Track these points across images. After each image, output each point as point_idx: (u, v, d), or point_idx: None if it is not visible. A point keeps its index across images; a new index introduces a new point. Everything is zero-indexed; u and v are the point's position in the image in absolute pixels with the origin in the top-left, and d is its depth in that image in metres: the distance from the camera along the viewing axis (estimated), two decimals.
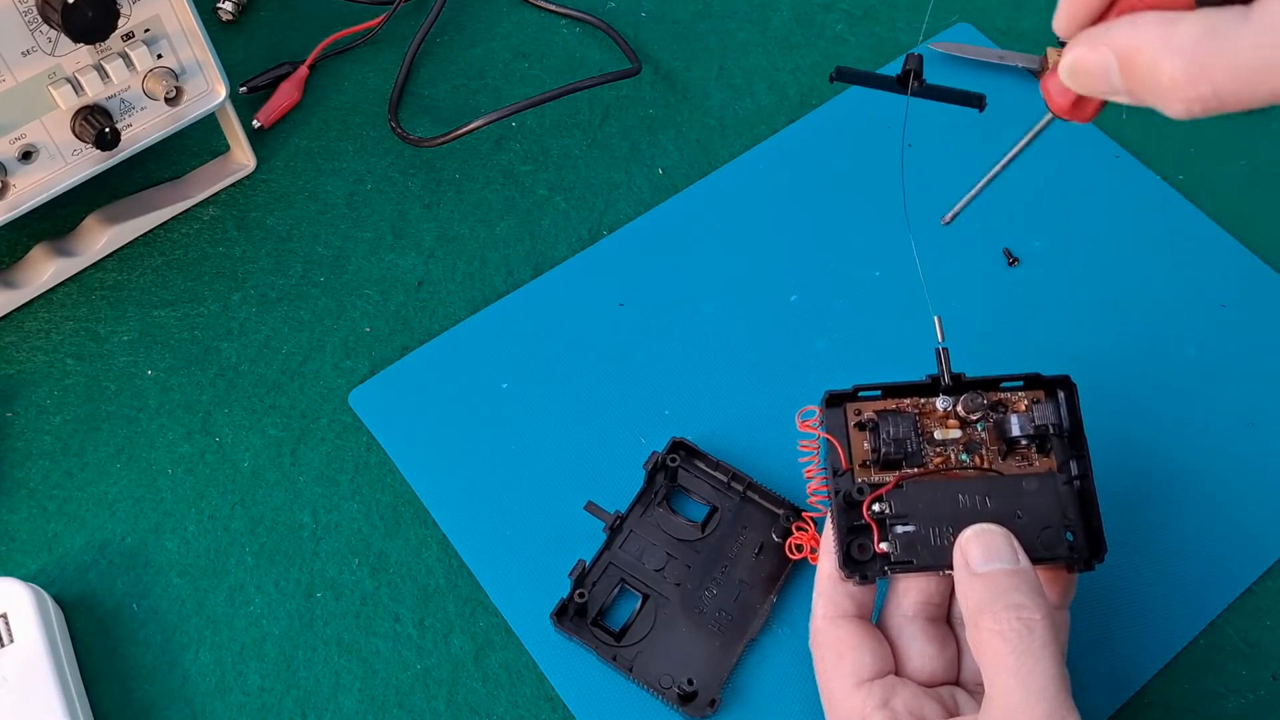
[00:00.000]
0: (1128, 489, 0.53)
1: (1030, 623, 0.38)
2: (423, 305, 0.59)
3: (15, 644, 0.46)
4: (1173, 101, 0.29)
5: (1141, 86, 0.30)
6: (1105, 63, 0.31)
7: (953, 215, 0.43)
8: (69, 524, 0.52)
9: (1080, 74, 0.32)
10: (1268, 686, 0.49)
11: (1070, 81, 0.33)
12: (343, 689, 0.49)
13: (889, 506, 0.43)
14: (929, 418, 0.45)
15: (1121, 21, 0.31)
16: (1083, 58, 0.32)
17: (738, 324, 0.58)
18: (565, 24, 0.70)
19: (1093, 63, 0.31)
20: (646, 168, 0.64)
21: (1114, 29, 0.31)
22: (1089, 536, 0.43)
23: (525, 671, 0.49)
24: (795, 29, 0.69)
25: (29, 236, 0.59)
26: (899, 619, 0.45)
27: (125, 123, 0.54)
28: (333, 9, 0.69)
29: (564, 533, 0.52)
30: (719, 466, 0.52)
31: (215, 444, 0.55)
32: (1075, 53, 0.32)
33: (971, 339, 0.57)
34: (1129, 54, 0.30)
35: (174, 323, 0.58)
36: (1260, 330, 0.58)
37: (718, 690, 0.48)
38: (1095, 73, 0.31)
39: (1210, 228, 0.61)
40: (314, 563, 0.52)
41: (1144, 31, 0.30)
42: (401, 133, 0.63)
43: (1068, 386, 0.44)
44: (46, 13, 0.48)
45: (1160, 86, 0.29)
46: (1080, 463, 0.43)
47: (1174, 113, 0.30)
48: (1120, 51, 0.30)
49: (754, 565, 0.51)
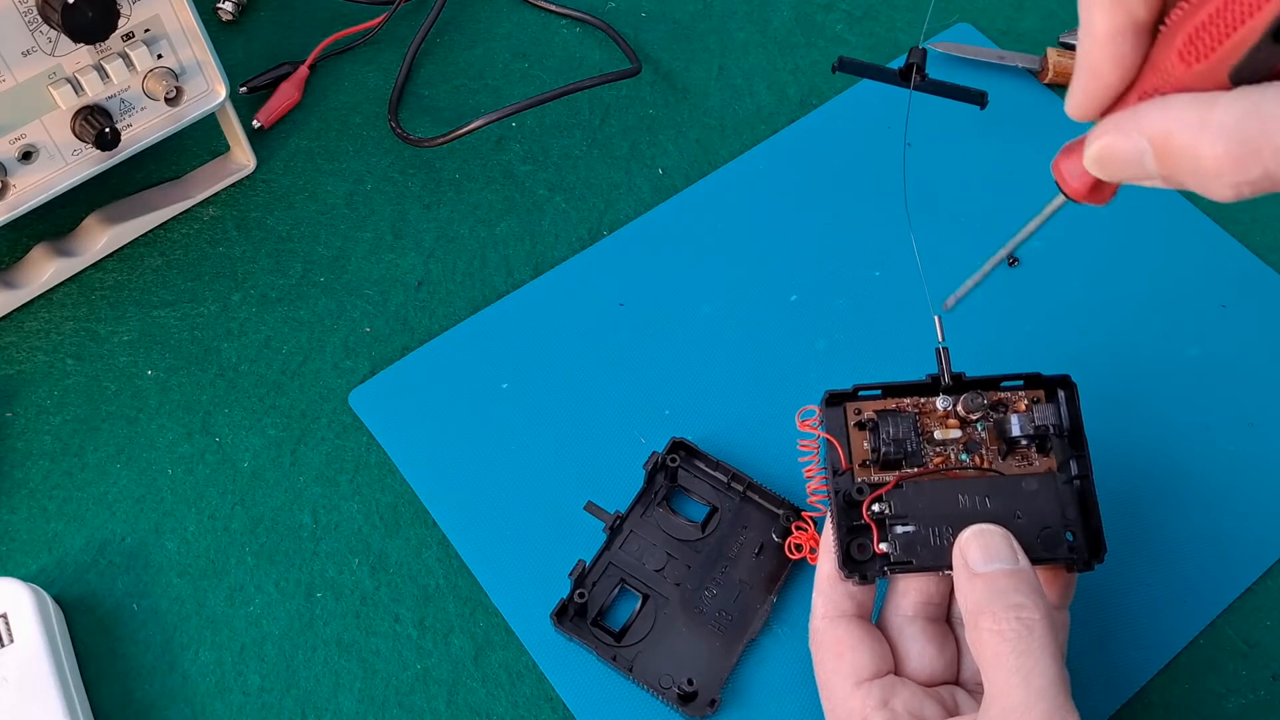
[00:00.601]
0: (1128, 489, 0.53)
1: (1030, 623, 0.38)
2: (423, 305, 0.59)
3: (15, 644, 0.46)
4: (1219, 187, 0.28)
5: (1181, 171, 0.29)
6: (1138, 149, 0.30)
7: (954, 300, 0.43)
8: (69, 524, 0.52)
9: (1110, 162, 0.31)
10: (1268, 686, 0.49)
11: (1099, 170, 0.32)
12: (343, 689, 0.49)
13: (889, 506, 0.43)
14: (929, 417, 0.45)
15: (1152, 105, 0.30)
16: (1113, 145, 0.31)
17: (738, 324, 0.58)
18: (565, 24, 0.70)
19: (1124, 150, 0.30)
20: (646, 168, 0.64)
21: (1144, 113, 0.30)
22: (1089, 537, 0.43)
23: (525, 671, 0.49)
24: (795, 29, 0.69)
25: (29, 236, 0.59)
26: (899, 619, 0.45)
27: (125, 123, 0.54)
28: (333, 9, 0.69)
29: (564, 533, 0.52)
30: (719, 466, 0.52)
31: (215, 444, 0.55)
32: (1104, 140, 0.31)
33: (971, 339, 0.57)
34: (1164, 139, 0.29)
35: (174, 323, 0.58)
36: (1260, 330, 0.58)
37: (718, 690, 0.48)
38: (1127, 160, 0.30)
39: (1210, 228, 0.61)
40: (314, 563, 0.52)
41: (1179, 114, 0.28)
42: (401, 133, 0.63)
43: (1068, 386, 0.44)
44: (46, 13, 0.48)
45: (1203, 170, 0.28)
46: (1080, 463, 0.43)
47: (1220, 197, 0.28)
48: (1155, 137, 0.29)
49: (754, 565, 0.51)
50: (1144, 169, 0.30)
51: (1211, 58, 0.28)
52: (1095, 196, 0.34)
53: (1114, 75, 0.31)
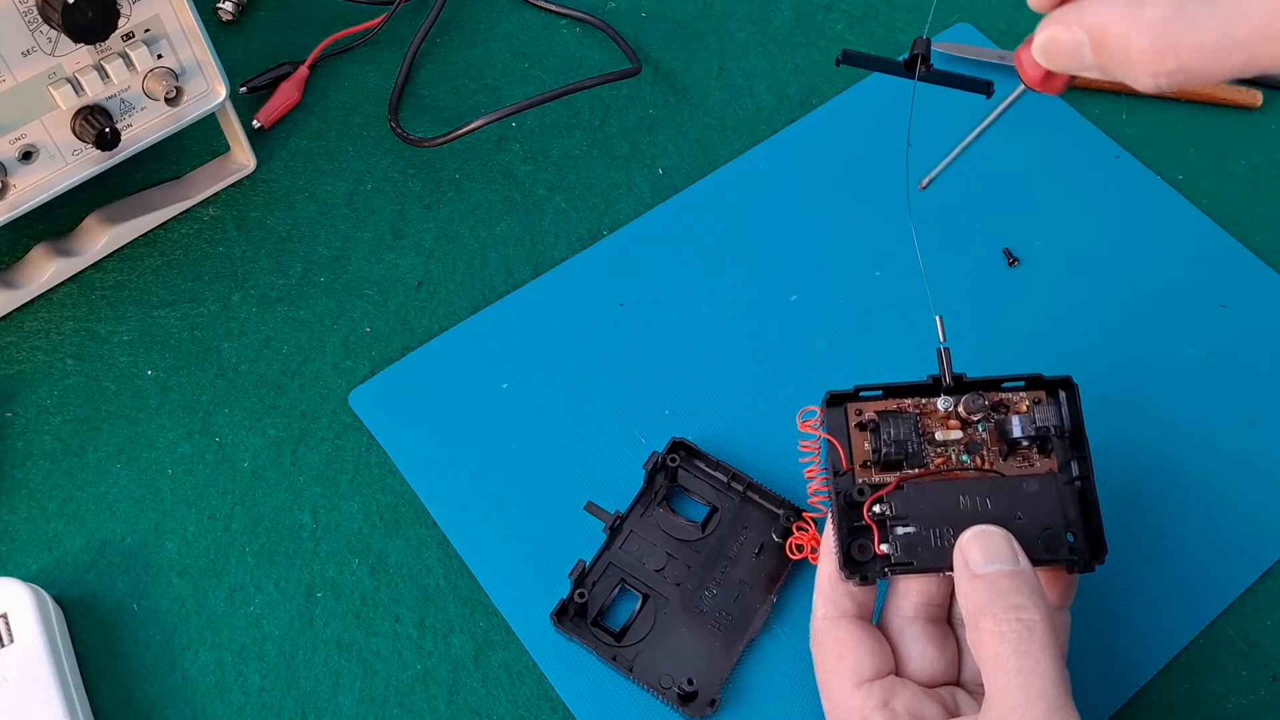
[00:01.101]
0: (1128, 489, 0.53)
1: (1030, 624, 0.38)
2: (423, 305, 0.59)
3: (15, 644, 0.46)
4: (1142, 75, 0.31)
5: (1111, 62, 0.32)
6: (1077, 40, 0.33)
7: (929, 180, 0.44)
8: (69, 524, 0.52)
9: (1053, 51, 0.34)
10: (1268, 686, 0.49)
11: (1044, 59, 0.34)
12: (343, 689, 0.49)
13: (889, 508, 0.43)
14: (930, 418, 0.45)
15: (1092, 1, 0.32)
16: (1055, 36, 0.34)
17: (738, 324, 0.58)
18: (565, 24, 0.70)
19: (1065, 40, 0.33)
20: (646, 168, 0.64)
21: (1085, 8, 0.33)
22: (1090, 537, 0.43)
23: (525, 671, 0.49)
24: (795, 29, 0.69)
25: (29, 236, 0.59)
26: (899, 619, 0.45)
27: (125, 123, 0.54)
28: (333, 9, 0.69)
29: (564, 533, 0.52)
30: (719, 466, 0.52)
31: (215, 444, 0.54)
32: (1048, 31, 0.34)
33: (971, 339, 0.57)
34: (1100, 31, 0.32)
35: (174, 323, 0.58)
36: (1260, 330, 0.58)
37: (718, 690, 0.48)
38: (1067, 50, 0.33)
39: (1210, 228, 0.61)
40: (314, 563, 0.52)
41: (1114, 10, 0.32)
42: (401, 133, 0.63)
43: (1069, 387, 0.44)
44: (46, 13, 0.48)
45: (1130, 61, 0.31)
46: (1081, 463, 0.43)
47: (1143, 86, 0.32)
48: (1091, 29, 0.32)
49: (754, 565, 0.51)
50: (1082, 60, 0.33)
51: None
52: (1048, 85, 0.37)
53: None
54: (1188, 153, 0.64)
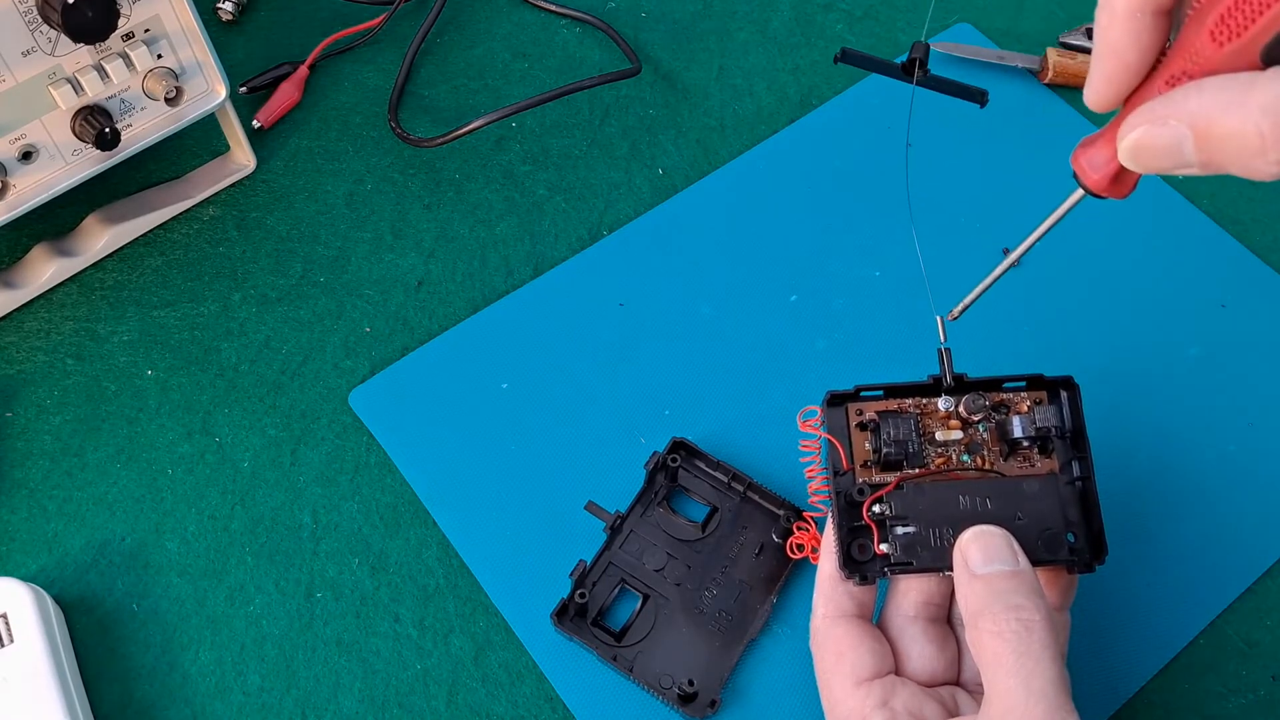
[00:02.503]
0: (1128, 488, 0.53)
1: (1029, 624, 0.38)
2: (423, 305, 0.59)
3: (15, 644, 0.46)
4: (1265, 165, 0.28)
5: (1224, 156, 0.29)
6: (1176, 137, 0.29)
7: (961, 310, 0.43)
8: (69, 524, 0.52)
9: (1146, 152, 0.30)
10: (1268, 686, 0.49)
11: (1134, 162, 0.31)
12: (343, 689, 0.49)
13: (889, 508, 0.43)
14: (931, 418, 0.45)
15: (1185, 91, 0.29)
16: (1150, 135, 0.30)
17: (738, 324, 0.58)
18: (565, 24, 0.70)
19: (1163, 139, 0.30)
20: (646, 168, 0.64)
21: (1179, 100, 0.29)
22: (1090, 538, 0.43)
23: (525, 671, 0.49)
24: (795, 29, 0.69)
25: (29, 236, 0.59)
26: (899, 619, 0.45)
27: (125, 123, 0.54)
28: (333, 9, 0.69)
29: (564, 533, 0.52)
30: (719, 466, 0.52)
31: (215, 444, 0.54)
32: (1140, 131, 0.30)
33: (971, 339, 0.57)
34: (1205, 124, 0.29)
35: (174, 323, 0.58)
36: (1260, 330, 0.58)
37: (718, 690, 0.48)
38: (1164, 148, 0.30)
39: (1210, 228, 0.61)
40: (314, 563, 0.52)
41: (1216, 97, 0.28)
42: (401, 133, 0.63)
43: (1070, 387, 0.44)
44: (46, 13, 0.48)
45: (1247, 152, 0.28)
46: (1082, 464, 0.43)
47: (1267, 175, 0.28)
48: (1195, 122, 0.29)
49: (754, 565, 0.51)
50: (1182, 157, 0.30)
51: (1244, 36, 0.28)
52: (1116, 189, 0.34)
53: (1134, 55, 0.31)
54: None
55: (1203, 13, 0.29)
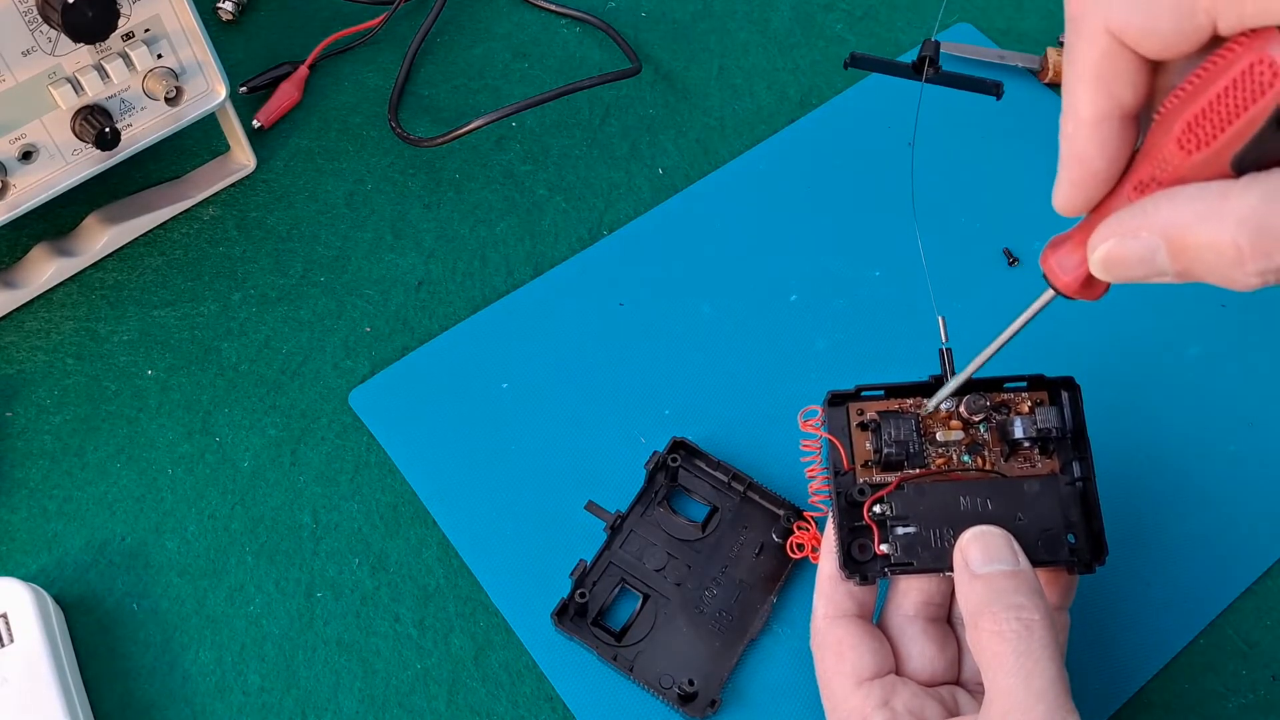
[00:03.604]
0: (1128, 488, 0.53)
1: (1029, 623, 0.38)
2: (423, 305, 0.59)
3: (15, 644, 0.46)
4: (1243, 276, 0.27)
5: (1200, 265, 0.28)
6: (1150, 249, 0.29)
7: (936, 403, 0.43)
8: (69, 524, 0.52)
9: (1118, 264, 0.30)
10: (1268, 686, 0.49)
11: (1106, 274, 0.31)
12: (343, 689, 0.49)
13: (890, 508, 0.43)
14: (932, 418, 0.45)
15: (1156, 201, 0.29)
16: (1121, 248, 0.29)
17: (738, 324, 0.58)
18: (565, 24, 0.70)
19: (1134, 251, 0.29)
20: (646, 168, 0.64)
21: (1150, 210, 0.29)
22: (1090, 538, 0.43)
23: (525, 671, 0.49)
24: (795, 29, 0.69)
25: (29, 236, 0.59)
26: (900, 619, 0.45)
27: (125, 123, 0.54)
28: (333, 9, 0.69)
29: (564, 533, 0.52)
30: (719, 466, 0.52)
31: (215, 444, 0.54)
32: (1110, 244, 0.30)
33: (971, 339, 0.57)
34: (1178, 235, 0.28)
35: (174, 323, 0.58)
36: (1260, 330, 0.58)
37: (718, 690, 0.48)
38: (1138, 260, 0.29)
39: None
40: (314, 563, 0.52)
41: (1190, 207, 0.28)
42: (401, 133, 0.63)
43: (1071, 387, 0.44)
44: (46, 13, 0.48)
45: (1224, 263, 0.27)
46: (1083, 464, 0.43)
47: (1244, 286, 0.27)
48: (1168, 234, 0.28)
49: (754, 565, 0.51)
50: (1155, 267, 0.29)
51: (1213, 145, 0.27)
52: (1088, 292, 0.34)
53: (1101, 163, 0.30)
54: None
55: (1167, 120, 0.28)
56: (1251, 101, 0.26)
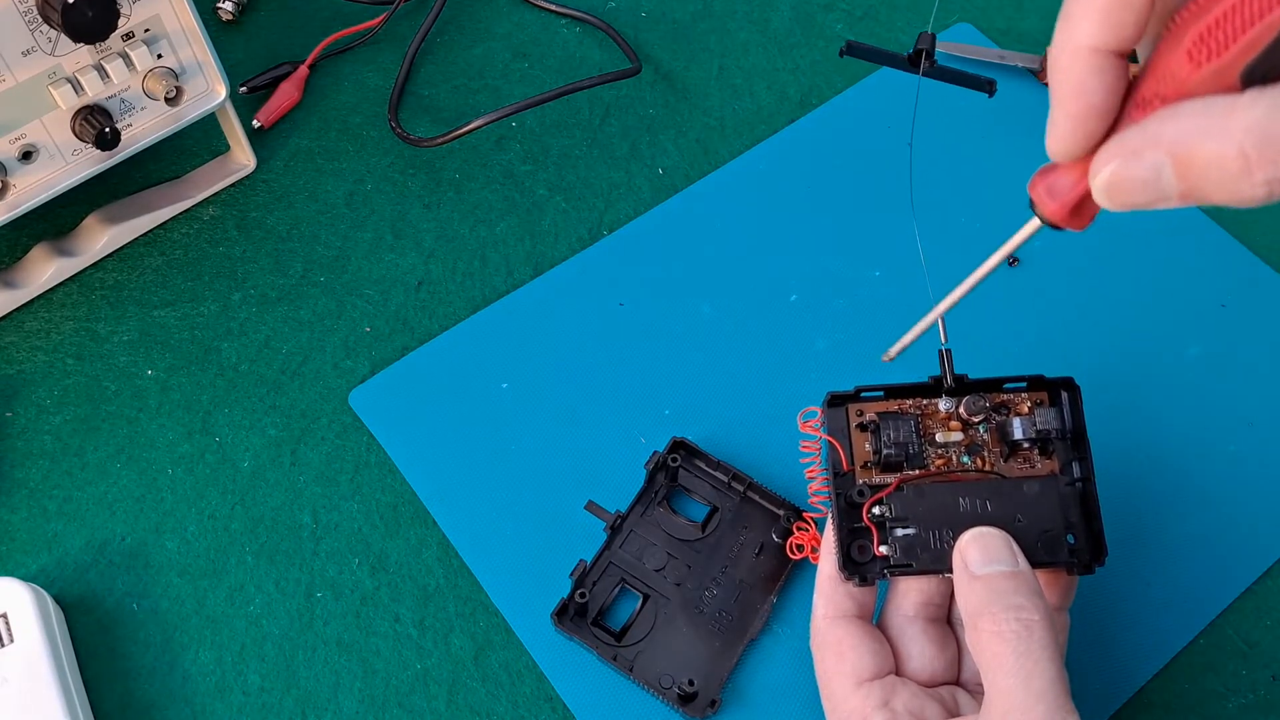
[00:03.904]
0: (1127, 488, 0.53)
1: (1029, 624, 0.38)
2: (423, 305, 0.59)
3: (15, 644, 0.46)
4: (1250, 188, 0.26)
5: (1206, 183, 0.27)
6: (1155, 168, 0.28)
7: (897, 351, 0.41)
8: (69, 524, 0.52)
9: (1122, 187, 0.29)
10: (1268, 686, 0.49)
11: (1109, 200, 0.29)
12: (343, 689, 0.49)
13: (889, 509, 0.43)
14: (931, 419, 0.45)
15: (1159, 119, 0.28)
16: (1125, 169, 0.28)
17: (738, 324, 0.58)
18: (565, 24, 0.70)
19: (1139, 172, 0.28)
20: (646, 168, 0.64)
21: (1153, 128, 0.28)
22: (1090, 539, 0.43)
23: (525, 671, 0.49)
24: (795, 29, 0.69)
25: (29, 236, 0.59)
26: (899, 619, 0.45)
27: (125, 123, 0.54)
28: (333, 9, 0.69)
29: (564, 533, 0.52)
30: (719, 466, 0.52)
31: (215, 444, 0.54)
32: (1114, 165, 0.29)
33: (971, 339, 0.57)
34: (1185, 150, 0.27)
35: (174, 323, 0.58)
36: (1260, 330, 0.58)
37: (718, 690, 0.48)
38: (1143, 182, 0.28)
39: (1210, 228, 0.61)
40: (314, 563, 0.52)
41: (1195, 122, 0.27)
42: (401, 133, 0.63)
43: (1071, 388, 0.44)
44: (46, 13, 0.48)
45: (1231, 176, 0.26)
46: (1082, 465, 0.43)
47: (1251, 198, 0.27)
48: (1174, 149, 0.27)
49: (754, 565, 0.51)
50: (1160, 189, 0.28)
51: (1225, 55, 0.27)
52: (1075, 220, 0.33)
53: (1101, 95, 0.29)
54: None
55: (1180, 31, 0.28)
56: (1267, 10, 0.26)
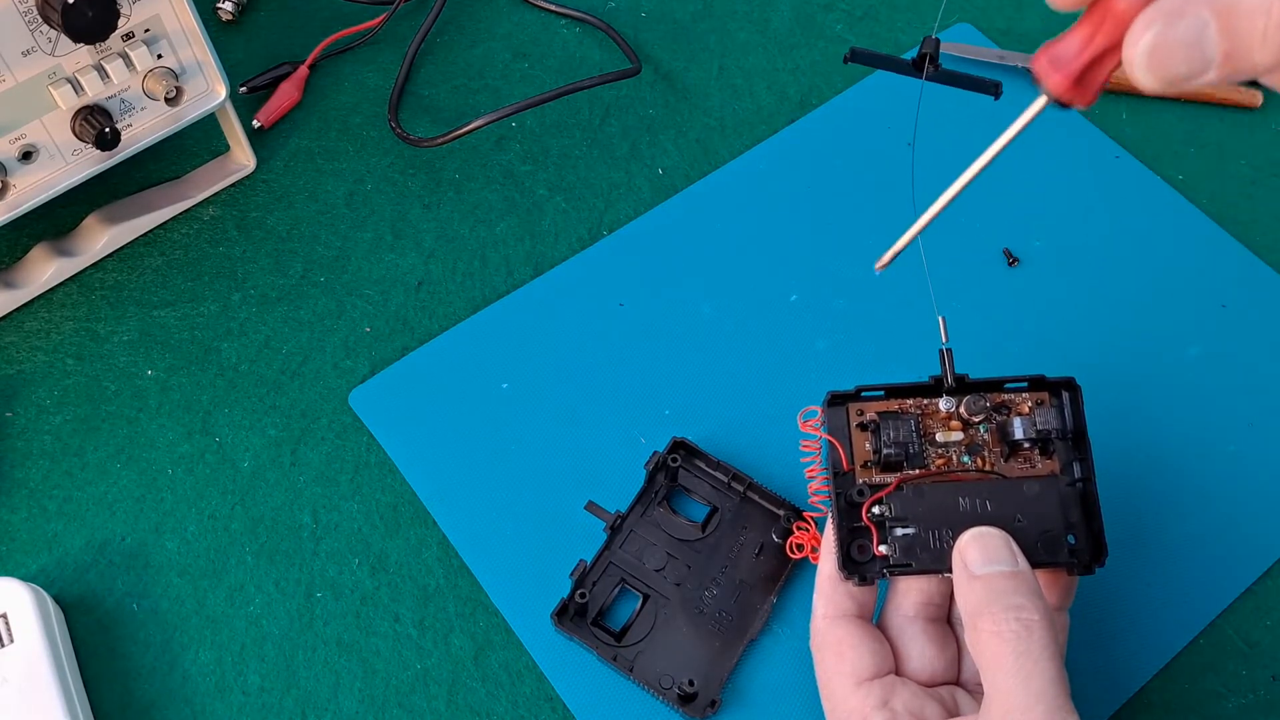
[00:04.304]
0: (1128, 488, 0.53)
1: (1029, 624, 0.38)
2: (423, 305, 0.59)
3: (15, 644, 0.46)
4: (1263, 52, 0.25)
5: (1251, 36, 0.25)
6: (1198, 27, 0.26)
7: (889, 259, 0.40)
8: (69, 524, 0.52)
9: (1164, 53, 0.26)
10: (1268, 686, 0.49)
11: (1150, 71, 0.27)
12: (343, 689, 0.49)
13: (889, 509, 0.43)
14: (931, 419, 0.44)
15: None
16: (1168, 33, 0.26)
17: (738, 324, 0.58)
18: (565, 24, 0.70)
19: (1182, 33, 0.26)
20: (646, 168, 0.64)
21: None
22: (1091, 539, 0.43)
23: (525, 671, 0.49)
24: (795, 29, 0.69)
25: (29, 236, 0.59)
26: (899, 619, 0.45)
27: (125, 123, 0.54)
28: (333, 9, 0.69)
29: (564, 533, 0.52)
30: (719, 466, 0.52)
31: (215, 444, 0.54)
32: (1155, 29, 0.26)
33: (971, 339, 0.57)
34: (1230, 8, 0.25)
35: (174, 323, 0.58)
36: (1260, 330, 0.58)
37: (718, 690, 0.48)
38: (1186, 44, 0.26)
39: (1210, 228, 0.61)
40: (314, 563, 0.52)
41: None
42: (401, 133, 0.63)
43: (1072, 388, 0.44)
44: (46, 13, 0.48)
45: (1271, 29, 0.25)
46: (1083, 466, 0.43)
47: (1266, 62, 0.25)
48: (1219, 6, 0.25)
49: (754, 565, 0.51)
50: (1204, 53, 0.26)
51: None
52: (1081, 92, 0.30)
53: None
54: (1188, 153, 0.64)
55: None
56: None
